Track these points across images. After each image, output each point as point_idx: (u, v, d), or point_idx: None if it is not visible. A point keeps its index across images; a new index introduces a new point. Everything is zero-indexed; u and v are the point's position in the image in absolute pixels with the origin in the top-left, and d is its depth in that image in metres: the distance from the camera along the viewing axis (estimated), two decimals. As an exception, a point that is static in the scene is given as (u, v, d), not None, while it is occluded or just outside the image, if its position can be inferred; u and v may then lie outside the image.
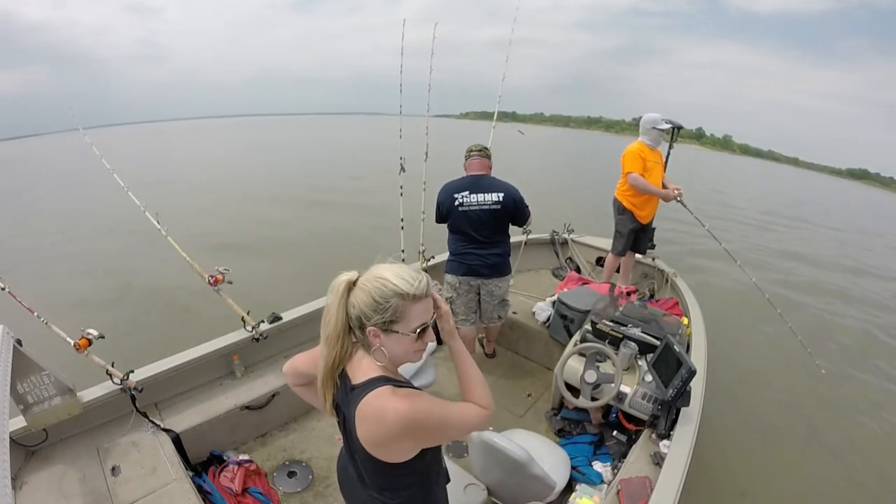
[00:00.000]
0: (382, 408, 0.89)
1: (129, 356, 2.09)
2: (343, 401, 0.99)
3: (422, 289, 0.93)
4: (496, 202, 2.44)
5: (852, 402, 3.70)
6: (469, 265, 2.57)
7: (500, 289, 2.65)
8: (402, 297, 0.91)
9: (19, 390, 1.62)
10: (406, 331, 0.93)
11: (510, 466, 1.48)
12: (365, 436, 0.92)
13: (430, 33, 3.02)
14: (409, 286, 0.91)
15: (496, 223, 2.48)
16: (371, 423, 0.91)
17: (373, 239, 6.42)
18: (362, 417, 0.92)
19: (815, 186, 33.65)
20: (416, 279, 0.93)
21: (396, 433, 0.89)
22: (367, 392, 0.92)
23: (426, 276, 0.96)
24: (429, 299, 0.95)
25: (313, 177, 13.46)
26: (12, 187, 13.43)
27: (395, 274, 0.92)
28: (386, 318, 0.91)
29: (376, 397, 0.91)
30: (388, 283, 0.91)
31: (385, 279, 0.91)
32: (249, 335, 2.35)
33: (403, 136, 3.07)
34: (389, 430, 0.89)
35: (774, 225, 11.18)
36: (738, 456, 2.89)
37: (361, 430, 0.92)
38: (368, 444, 0.92)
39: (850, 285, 7.04)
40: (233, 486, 1.90)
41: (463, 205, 2.47)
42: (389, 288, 0.90)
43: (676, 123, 3.34)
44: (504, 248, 2.59)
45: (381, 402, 0.90)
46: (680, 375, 1.80)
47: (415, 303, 0.92)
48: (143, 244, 6.04)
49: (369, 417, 0.91)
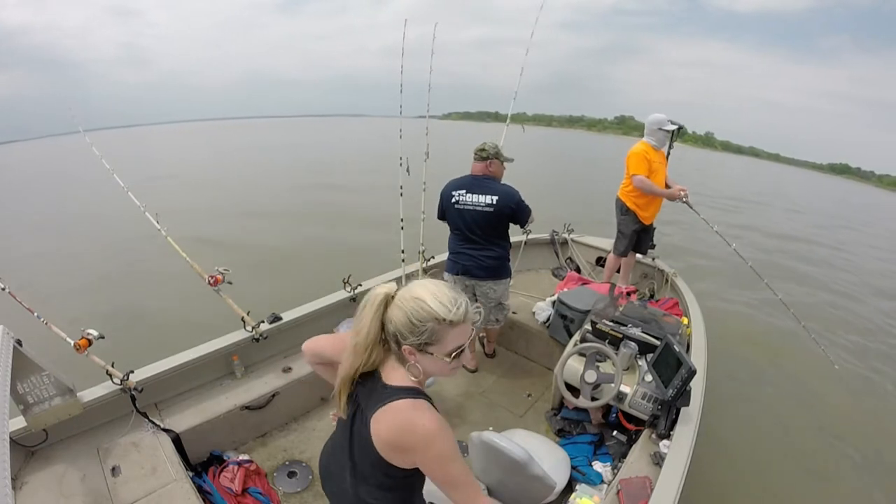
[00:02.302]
0: (416, 418, 0.90)
1: (128, 356, 2.09)
2: (365, 394, 0.99)
3: (459, 315, 0.90)
4: (489, 205, 2.43)
5: (856, 398, 3.72)
6: (463, 265, 2.57)
7: (494, 292, 2.63)
8: (438, 322, 0.89)
9: (19, 390, 1.62)
10: (441, 354, 0.92)
11: (510, 466, 1.48)
12: (384, 435, 0.92)
13: (417, 34, 2.99)
14: (447, 311, 0.89)
15: (489, 225, 2.47)
16: (399, 429, 0.91)
17: (373, 239, 6.41)
18: (390, 420, 0.92)
19: (793, 181, 34.46)
20: (454, 304, 0.90)
21: (413, 447, 0.90)
22: (403, 397, 0.93)
23: (465, 300, 0.93)
24: (467, 325, 0.93)
25: (311, 177, 13.44)
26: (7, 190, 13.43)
27: (433, 295, 0.90)
28: (422, 340, 0.90)
29: (412, 406, 0.92)
30: (426, 306, 0.89)
31: (423, 300, 0.89)
32: (249, 335, 2.35)
33: (386, 136, 3.06)
34: (409, 443, 0.90)
35: (740, 208, 13.12)
36: (738, 456, 2.89)
37: (384, 431, 0.92)
38: (382, 442, 0.92)
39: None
40: (233, 486, 1.90)
41: (459, 203, 2.48)
42: (426, 311, 0.89)
43: (678, 124, 3.34)
44: (500, 252, 2.56)
45: (416, 413, 0.91)
46: (680, 375, 1.80)
47: (452, 328, 0.90)
48: (142, 244, 6.05)
49: (400, 422, 0.91)
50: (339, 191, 11.57)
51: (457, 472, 0.93)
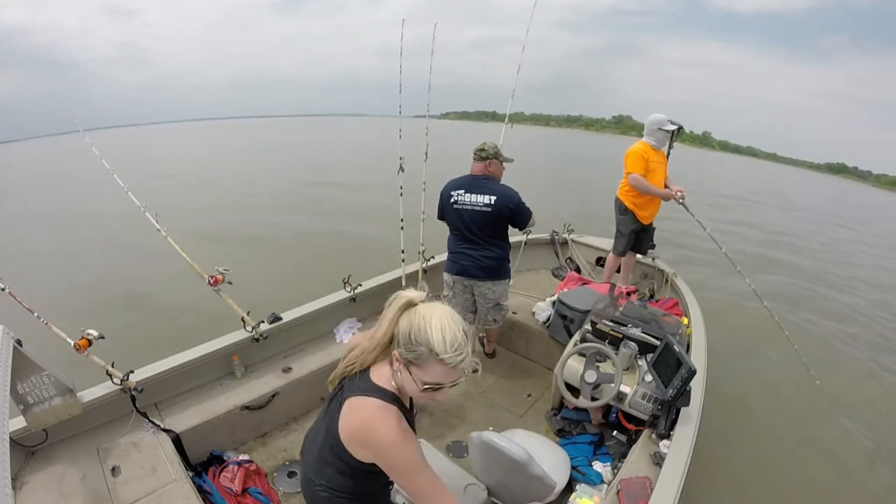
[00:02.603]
0: (378, 423, 0.94)
1: (129, 357, 2.09)
2: (350, 381, 1.04)
3: (454, 361, 0.90)
4: (487, 205, 2.43)
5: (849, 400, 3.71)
6: (461, 264, 2.57)
7: (493, 292, 2.63)
8: (430, 352, 0.89)
9: (19, 390, 1.62)
10: (418, 378, 0.93)
11: (510, 466, 1.48)
12: (347, 423, 0.97)
13: (415, 34, 2.97)
14: (444, 351, 0.89)
15: (487, 225, 2.47)
16: (360, 424, 0.96)
17: (372, 239, 6.41)
18: (357, 412, 0.97)
19: (791, 181, 34.61)
20: (454, 348, 0.89)
21: (371, 448, 0.95)
22: (377, 396, 0.97)
23: (468, 352, 0.92)
24: (457, 371, 0.92)
25: (309, 179, 13.40)
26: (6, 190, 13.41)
27: (442, 329, 0.89)
28: (410, 357, 0.92)
29: (380, 409, 0.96)
30: (429, 332, 0.89)
31: (430, 325, 0.90)
32: (249, 335, 2.35)
33: (384, 136, 3.06)
34: (367, 443, 0.95)
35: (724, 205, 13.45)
36: (738, 456, 2.89)
37: (348, 420, 0.97)
38: (344, 428, 0.97)
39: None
40: (233, 486, 1.90)
41: (458, 203, 2.48)
42: (426, 336, 0.89)
43: (678, 124, 3.35)
44: (498, 252, 2.55)
45: (381, 417, 0.94)
46: (680, 375, 1.80)
47: (440, 365, 0.90)
48: (142, 244, 6.04)
49: (363, 419, 0.96)
50: (340, 191, 11.56)
51: (420, 485, 0.95)
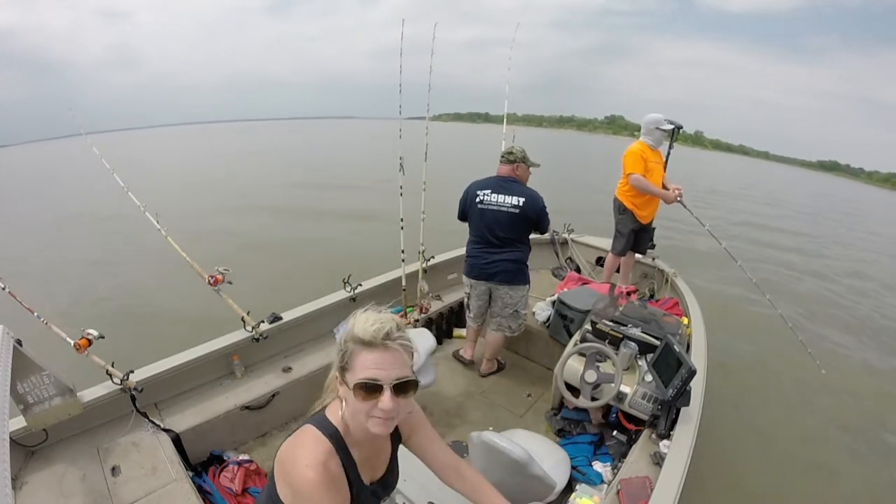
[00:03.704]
0: (301, 456, 0.81)
1: (129, 356, 2.09)
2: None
3: (374, 334, 0.78)
4: (515, 206, 2.44)
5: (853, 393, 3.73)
6: (480, 267, 2.57)
7: (511, 297, 2.61)
8: (353, 341, 0.80)
9: (19, 390, 1.62)
10: (352, 381, 0.79)
11: (510, 466, 1.48)
12: (277, 457, 0.87)
13: (409, 34, 2.95)
14: (363, 331, 0.78)
15: (512, 227, 2.47)
16: (285, 449, 0.86)
17: (372, 239, 6.41)
18: (290, 439, 0.87)
19: (784, 179, 35.06)
20: (374, 323, 0.78)
21: (285, 481, 0.82)
22: (316, 425, 0.86)
23: (393, 325, 0.80)
24: (389, 353, 0.79)
25: (308, 180, 13.43)
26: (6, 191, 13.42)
27: (366, 317, 0.81)
28: (342, 363, 0.82)
29: (312, 441, 0.84)
30: (352, 324, 0.81)
31: (355, 319, 0.81)
32: (249, 335, 2.35)
33: (381, 138, 3.07)
34: (285, 475, 0.83)
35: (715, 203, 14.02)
36: (738, 456, 2.89)
37: (282, 446, 0.88)
38: (276, 460, 0.88)
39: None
40: (233, 486, 1.91)
41: (483, 202, 2.49)
42: (349, 329, 0.81)
43: (677, 123, 3.35)
44: (518, 255, 2.55)
45: (308, 450, 0.82)
46: (680, 375, 1.80)
47: (364, 349, 0.79)
48: (142, 244, 6.05)
49: (291, 446, 0.85)
50: (339, 191, 11.56)
51: None
